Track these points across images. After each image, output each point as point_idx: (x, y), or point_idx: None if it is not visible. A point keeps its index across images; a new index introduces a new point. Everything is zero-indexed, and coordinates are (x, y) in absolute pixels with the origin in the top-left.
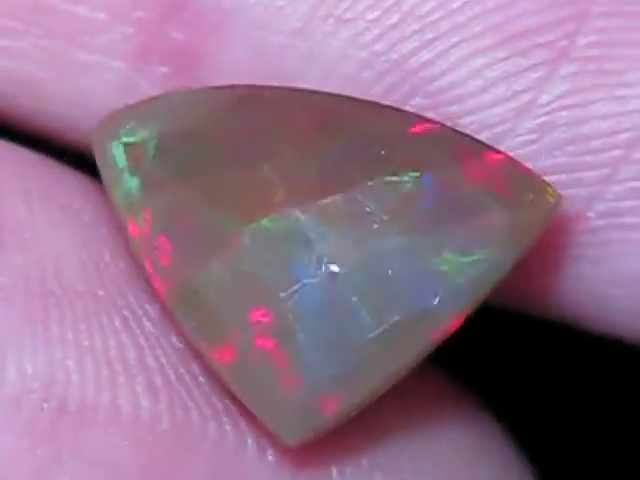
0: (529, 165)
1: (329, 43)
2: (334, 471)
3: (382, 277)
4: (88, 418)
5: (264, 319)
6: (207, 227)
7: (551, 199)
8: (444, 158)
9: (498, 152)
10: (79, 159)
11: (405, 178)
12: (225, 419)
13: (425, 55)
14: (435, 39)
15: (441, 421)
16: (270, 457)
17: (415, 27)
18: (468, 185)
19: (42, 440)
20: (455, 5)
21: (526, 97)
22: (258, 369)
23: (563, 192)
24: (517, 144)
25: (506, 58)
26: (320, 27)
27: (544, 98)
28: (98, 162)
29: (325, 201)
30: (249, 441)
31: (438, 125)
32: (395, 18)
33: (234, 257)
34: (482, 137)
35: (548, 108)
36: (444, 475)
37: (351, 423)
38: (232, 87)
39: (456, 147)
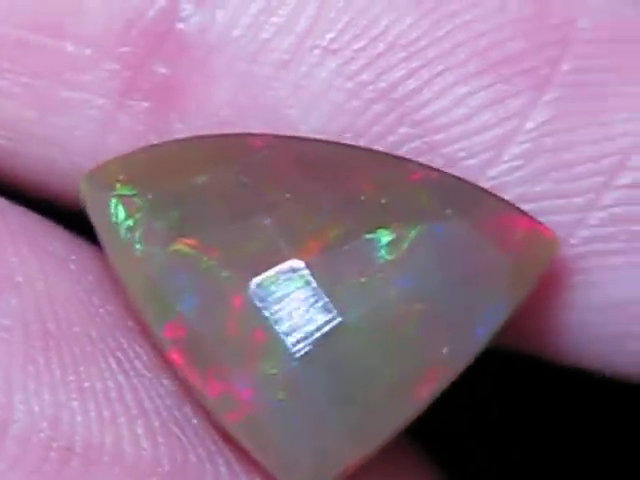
0: (515, 192)
1: (316, 74)
2: None
3: (389, 327)
4: (94, 458)
5: (273, 373)
6: (210, 283)
7: (550, 244)
8: (444, 207)
9: (496, 197)
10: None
11: (406, 229)
12: (219, 460)
13: (411, 84)
14: (420, 67)
15: None
16: None
17: (400, 56)
18: (469, 233)
19: (52, 478)
20: (440, 33)
21: (510, 124)
22: (270, 425)
23: (547, 218)
24: (503, 171)
25: (490, 85)
26: (307, 58)
27: (528, 125)
28: (90, 213)
29: (329, 253)
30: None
31: (436, 172)
32: (381, 47)
33: (240, 313)
34: (468, 164)
35: (533, 134)
36: None
37: None
38: (221, 136)
39: (455, 195)
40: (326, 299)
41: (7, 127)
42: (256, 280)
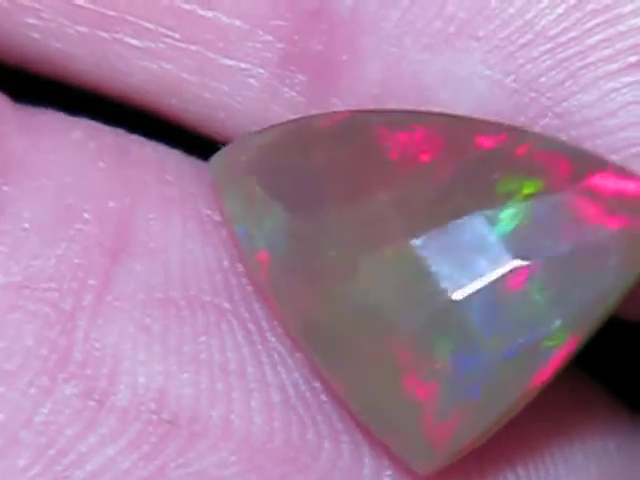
0: None
1: (461, 60)
2: None
3: (503, 303)
4: (198, 432)
5: (401, 355)
6: (325, 260)
7: None
8: (555, 180)
9: (609, 169)
10: None
11: (517, 205)
12: (343, 438)
13: (555, 76)
14: (565, 60)
15: (585, 435)
16: (387, 478)
17: (546, 47)
18: (579, 207)
19: (149, 452)
20: (587, 26)
21: None
22: (398, 406)
23: None
24: None
25: (636, 82)
26: (453, 44)
27: None
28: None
29: (443, 230)
30: (366, 461)
31: (541, 142)
32: (526, 37)
33: (354, 289)
34: (611, 160)
35: None
36: None
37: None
38: (335, 114)
39: (566, 167)
40: (437, 279)
41: (170, 89)
42: (370, 258)
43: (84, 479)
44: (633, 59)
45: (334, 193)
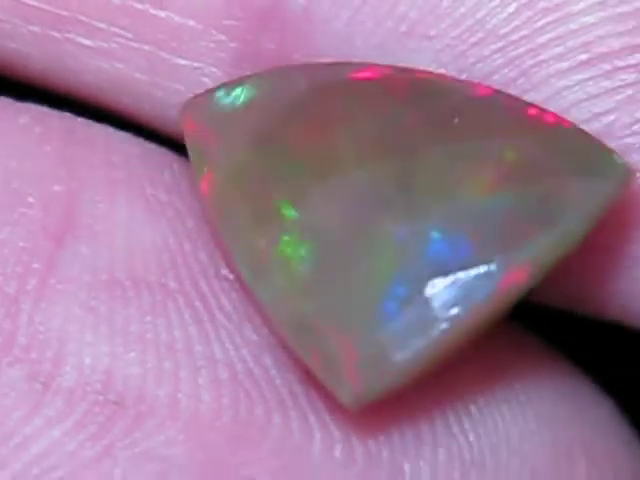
0: None
1: (413, 59)
2: (406, 467)
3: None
4: (145, 412)
5: None
6: (275, 191)
7: (621, 169)
8: (512, 127)
9: (564, 120)
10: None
11: (473, 146)
12: (292, 413)
13: (507, 74)
14: (517, 58)
15: (526, 382)
16: (338, 453)
17: (497, 46)
18: (536, 153)
19: (95, 433)
20: (538, 25)
21: (606, 119)
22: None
23: None
24: None
25: (588, 80)
26: (404, 43)
27: (625, 120)
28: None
29: (397, 165)
30: (316, 435)
31: (503, 94)
32: (477, 36)
33: (301, 221)
34: None
35: (628, 131)
36: (532, 447)
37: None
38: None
39: (521, 115)
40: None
41: (122, 88)
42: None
43: (31, 461)
44: (584, 57)
45: (291, 128)
